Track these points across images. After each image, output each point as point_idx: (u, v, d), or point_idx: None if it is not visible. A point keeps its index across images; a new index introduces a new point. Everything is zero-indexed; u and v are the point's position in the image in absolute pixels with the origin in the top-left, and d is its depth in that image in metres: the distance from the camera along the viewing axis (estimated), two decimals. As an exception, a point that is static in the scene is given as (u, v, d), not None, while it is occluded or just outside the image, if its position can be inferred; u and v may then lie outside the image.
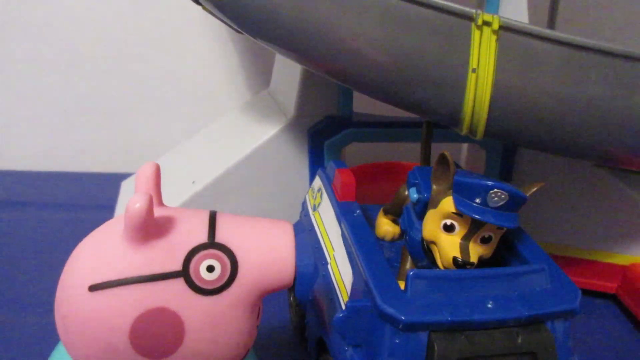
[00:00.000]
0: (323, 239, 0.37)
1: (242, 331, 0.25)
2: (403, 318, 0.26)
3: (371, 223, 0.38)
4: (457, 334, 0.27)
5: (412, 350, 0.27)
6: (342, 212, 0.35)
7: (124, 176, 0.59)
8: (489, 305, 0.27)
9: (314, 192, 0.42)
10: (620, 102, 0.34)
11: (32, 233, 0.57)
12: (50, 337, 0.29)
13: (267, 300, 0.44)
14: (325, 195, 0.39)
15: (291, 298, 0.43)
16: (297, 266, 0.37)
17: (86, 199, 0.65)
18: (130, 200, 0.23)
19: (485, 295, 0.28)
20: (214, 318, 0.24)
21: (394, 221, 0.38)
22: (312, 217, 0.40)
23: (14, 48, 0.68)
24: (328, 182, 0.39)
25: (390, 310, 0.27)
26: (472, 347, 0.26)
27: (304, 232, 0.40)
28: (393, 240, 0.38)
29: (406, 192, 0.34)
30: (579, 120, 0.34)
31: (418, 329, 0.26)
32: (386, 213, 0.38)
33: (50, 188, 0.68)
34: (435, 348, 0.26)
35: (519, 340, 0.27)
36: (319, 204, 0.39)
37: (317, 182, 0.41)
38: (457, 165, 0.37)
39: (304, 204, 0.43)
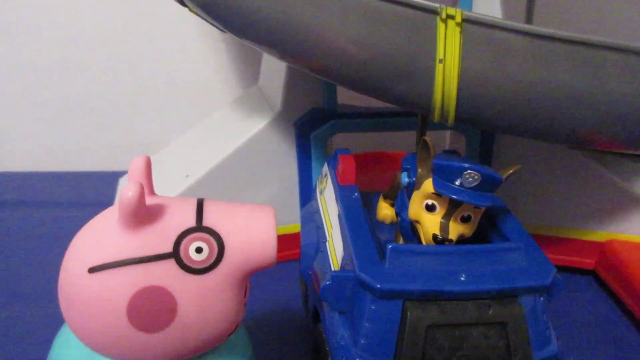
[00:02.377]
0: (325, 219, 0.39)
1: (229, 307, 0.27)
2: (378, 286, 0.28)
3: (370, 207, 0.40)
4: (431, 303, 0.28)
5: (387, 316, 0.28)
6: (341, 193, 0.37)
7: (121, 174, 0.60)
8: (462, 278, 0.29)
9: (321, 178, 0.44)
10: (586, 88, 0.35)
11: (33, 231, 0.58)
12: (54, 324, 0.30)
13: (281, 278, 0.47)
14: (329, 180, 0.41)
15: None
16: (301, 246, 0.39)
17: (85, 197, 0.65)
18: (124, 189, 0.25)
19: (459, 269, 0.29)
20: (204, 295, 0.26)
21: (393, 205, 0.39)
22: (318, 200, 0.42)
23: (10, 49, 0.68)
24: (332, 168, 0.41)
25: (367, 278, 0.28)
26: (443, 316, 0.28)
27: (311, 215, 0.42)
28: (392, 224, 0.39)
29: None
30: (545, 107, 0.35)
31: (393, 297, 0.28)
32: (385, 198, 0.40)
33: (49, 188, 0.68)
34: (408, 315, 0.28)
35: (490, 312, 0.28)
36: (324, 188, 0.42)
37: (325, 168, 0.43)
38: (455, 152, 0.39)
39: (313, 189, 0.45)
